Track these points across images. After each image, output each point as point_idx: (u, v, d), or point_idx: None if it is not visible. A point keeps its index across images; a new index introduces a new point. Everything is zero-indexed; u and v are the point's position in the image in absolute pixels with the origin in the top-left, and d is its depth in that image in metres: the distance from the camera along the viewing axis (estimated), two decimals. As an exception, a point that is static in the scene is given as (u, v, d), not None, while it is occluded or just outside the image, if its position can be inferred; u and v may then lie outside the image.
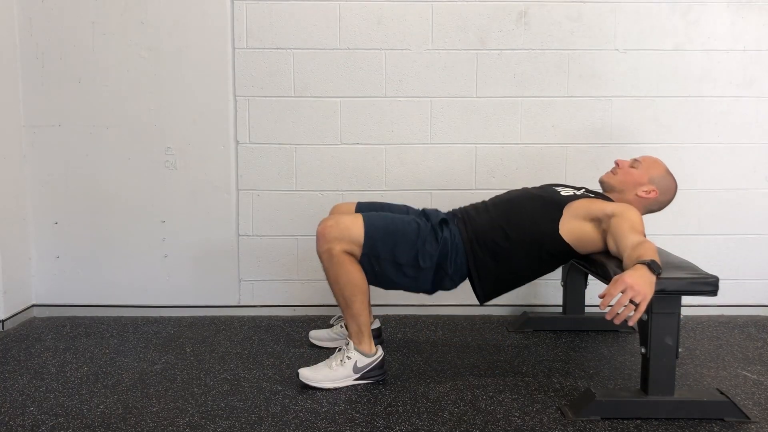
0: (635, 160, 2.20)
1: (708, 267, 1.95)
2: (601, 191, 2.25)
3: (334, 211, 2.32)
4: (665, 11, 2.67)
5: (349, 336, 2.08)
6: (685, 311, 2.02)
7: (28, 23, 2.65)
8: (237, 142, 2.72)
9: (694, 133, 2.73)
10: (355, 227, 2.02)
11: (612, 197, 2.17)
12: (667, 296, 1.76)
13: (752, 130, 2.73)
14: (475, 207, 2.22)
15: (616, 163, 2.22)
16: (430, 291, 2.15)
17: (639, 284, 1.63)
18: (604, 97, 2.71)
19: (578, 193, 2.16)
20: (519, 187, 2.73)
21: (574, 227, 2.04)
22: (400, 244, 2.03)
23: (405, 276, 2.07)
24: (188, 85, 2.68)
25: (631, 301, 1.63)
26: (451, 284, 2.13)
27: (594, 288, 2.67)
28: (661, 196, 2.16)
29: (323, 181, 2.74)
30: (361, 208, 2.26)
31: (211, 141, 2.71)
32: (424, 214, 2.19)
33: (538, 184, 2.34)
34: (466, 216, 2.16)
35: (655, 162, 2.19)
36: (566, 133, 2.73)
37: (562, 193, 2.15)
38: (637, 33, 2.68)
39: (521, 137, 2.73)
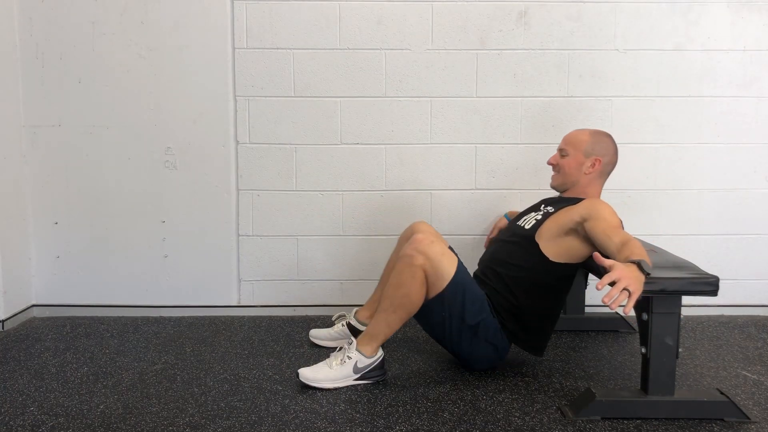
0: (560, 149, 2.23)
1: (708, 267, 1.95)
2: (558, 195, 2.26)
3: (419, 230, 2.26)
4: (665, 11, 2.67)
5: (363, 333, 2.07)
6: (685, 311, 2.02)
7: (28, 23, 2.65)
8: (237, 142, 2.72)
9: (694, 133, 2.73)
10: (448, 263, 1.99)
11: (570, 194, 2.18)
12: (667, 296, 1.76)
13: (752, 130, 2.73)
14: (474, 275, 2.22)
15: (550, 164, 2.25)
16: (472, 363, 2.14)
17: (630, 278, 1.63)
18: (604, 97, 2.71)
19: (539, 216, 2.16)
20: (518, 188, 2.76)
21: (558, 247, 2.05)
22: (473, 306, 2.01)
23: (461, 336, 2.05)
24: (188, 85, 2.68)
25: (626, 290, 1.63)
26: (502, 353, 2.13)
27: (594, 288, 2.67)
28: (605, 158, 2.17)
29: (323, 181, 2.74)
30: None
31: (211, 141, 2.71)
32: None
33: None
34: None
35: (577, 135, 2.21)
36: (566, 133, 2.72)
37: (526, 226, 2.15)
38: (637, 33, 2.68)
39: (521, 137, 2.73)
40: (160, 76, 2.68)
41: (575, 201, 2.13)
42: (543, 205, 2.24)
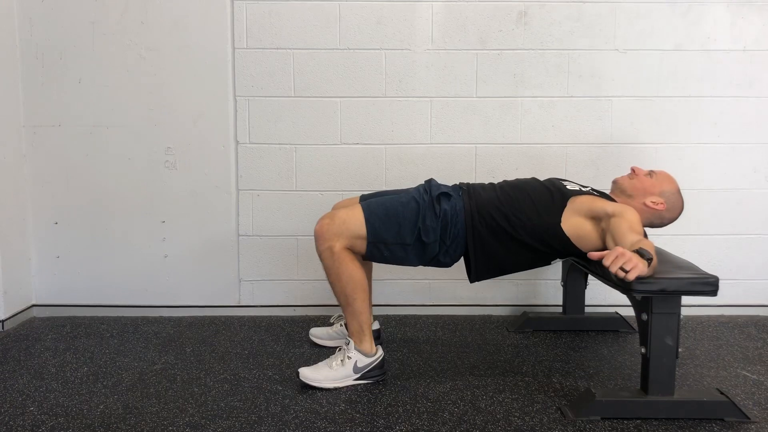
0: (651, 171, 2.21)
1: (708, 267, 1.95)
2: (607, 192, 2.25)
3: (335, 207, 2.32)
4: (665, 11, 2.67)
5: (350, 335, 2.08)
6: (685, 311, 2.02)
7: (28, 23, 2.65)
8: (237, 142, 2.72)
9: (694, 133, 2.73)
10: (354, 219, 2.03)
11: (618, 200, 2.17)
12: (667, 296, 1.76)
13: (752, 130, 2.73)
14: (481, 185, 2.23)
15: (633, 170, 2.22)
16: (433, 263, 2.14)
17: (633, 256, 1.66)
18: (604, 97, 2.71)
19: (583, 189, 2.17)
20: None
21: (575, 223, 2.05)
22: (403, 226, 2.04)
23: (414, 254, 2.08)
24: (188, 85, 2.68)
25: (622, 269, 1.65)
26: (449, 259, 2.12)
27: (594, 288, 2.68)
28: (666, 212, 2.15)
29: (323, 181, 2.74)
30: (364, 198, 2.26)
31: (211, 141, 2.71)
32: (428, 187, 2.17)
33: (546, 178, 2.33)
34: (471, 190, 2.16)
35: (669, 178, 2.20)
36: (566, 133, 2.73)
37: (568, 186, 2.16)
38: (637, 33, 2.68)
39: (521, 137, 2.73)
40: (160, 76, 2.68)
41: (612, 199, 2.14)
42: (591, 188, 2.23)
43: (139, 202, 2.74)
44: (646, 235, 2.01)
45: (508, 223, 2.06)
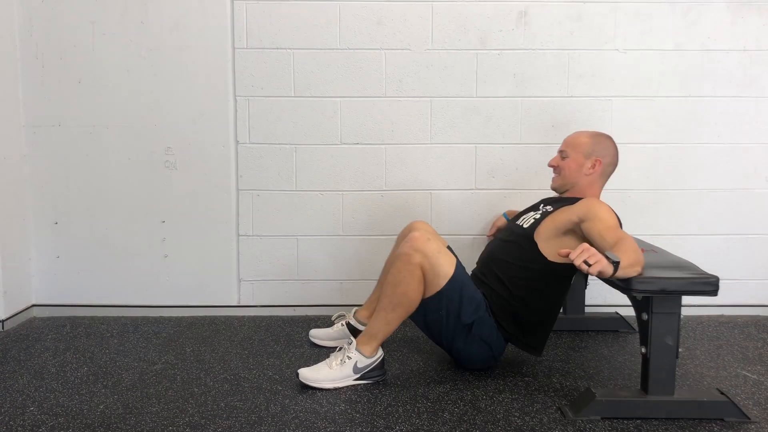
0: (560, 151, 2.23)
1: (708, 267, 1.95)
2: (560, 196, 2.26)
3: (416, 228, 2.29)
4: (665, 11, 2.67)
5: (363, 332, 2.07)
6: (685, 311, 2.02)
7: (28, 23, 2.65)
8: (237, 142, 2.72)
9: (694, 133, 2.73)
10: (446, 261, 1.99)
11: (570, 194, 2.19)
12: (667, 296, 1.76)
13: (752, 130, 2.73)
14: (472, 274, 2.22)
15: (551, 166, 2.26)
16: (469, 359, 2.14)
17: (597, 253, 1.70)
18: (604, 97, 2.71)
19: (538, 215, 2.16)
20: (518, 188, 2.76)
21: (556, 247, 2.04)
22: (469, 306, 2.01)
23: (457, 332, 2.05)
24: (188, 85, 2.68)
25: (585, 262, 1.69)
26: (498, 353, 2.13)
27: (594, 288, 2.68)
28: (605, 159, 2.17)
29: (323, 181, 2.74)
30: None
31: (211, 141, 2.71)
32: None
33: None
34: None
35: (577, 137, 2.22)
36: (566, 133, 2.69)
37: (525, 225, 2.15)
38: (637, 33, 2.68)
39: (521, 137, 2.73)
40: (160, 76, 2.68)
41: (574, 201, 2.13)
42: (542, 205, 2.24)
43: (139, 202, 2.74)
44: (621, 225, 2.02)
45: (514, 299, 2.07)
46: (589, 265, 1.68)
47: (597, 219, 1.95)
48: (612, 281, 1.84)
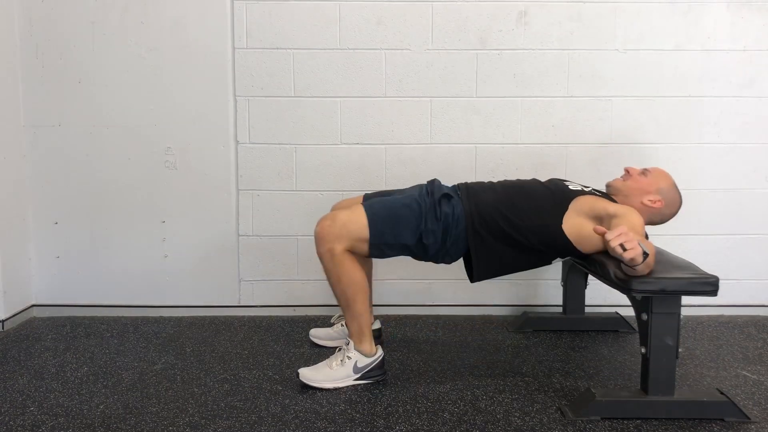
0: (645, 169, 2.20)
1: (708, 267, 1.94)
2: (606, 193, 2.25)
3: (335, 207, 2.31)
4: (665, 11, 2.67)
5: (350, 336, 2.08)
6: (685, 311, 2.02)
7: (28, 23, 2.65)
8: (237, 142, 2.72)
9: (694, 133, 2.73)
10: (356, 222, 2.02)
11: (617, 201, 2.17)
12: (667, 296, 1.76)
13: (752, 130, 2.73)
14: (480, 184, 2.22)
15: (627, 170, 2.22)
16: (434, 261, 2.15)
17: (635, 239, 1.67)
18: (604, 97, 2.71)
19: (586, 189, 2.16)
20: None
21: (576, 223, 2.04)
22: (405, 228, 2.04)
23: (415, 253, 2.10)
24: (188, 85, 2.68)
25: (621, 246, 1.66)
26: (450, 258, 2.13)
27: (594, 288, 2.67)
28: (665, 208, 2.15)
29: (323, 181, 2.74)
30: (368, 198, 2.25)
31: (211, 141, 2.71)
32: (431, 188, 2.17)
33: (546, 178, 2.32)
34: (470, 191, 2.15)
35: (664, 174, 2.19)
36: (566, 133, 2.73)
37: (570, 186, 2.15)
38: (637, 33, 2.68)
39: (521, 137, 2.73)
40: (160, 76, 2.68)
41: (614, 200, 2.13)
42: (591, 188, 2.21)
43: (139, 202, 2.74)
44: (647, 236, 2.00)
45: (508, 225, 2.06)
46: (625, 250, 1.65)
47: (629, 220, 1.94)
48: (612, 281, 1.84)
